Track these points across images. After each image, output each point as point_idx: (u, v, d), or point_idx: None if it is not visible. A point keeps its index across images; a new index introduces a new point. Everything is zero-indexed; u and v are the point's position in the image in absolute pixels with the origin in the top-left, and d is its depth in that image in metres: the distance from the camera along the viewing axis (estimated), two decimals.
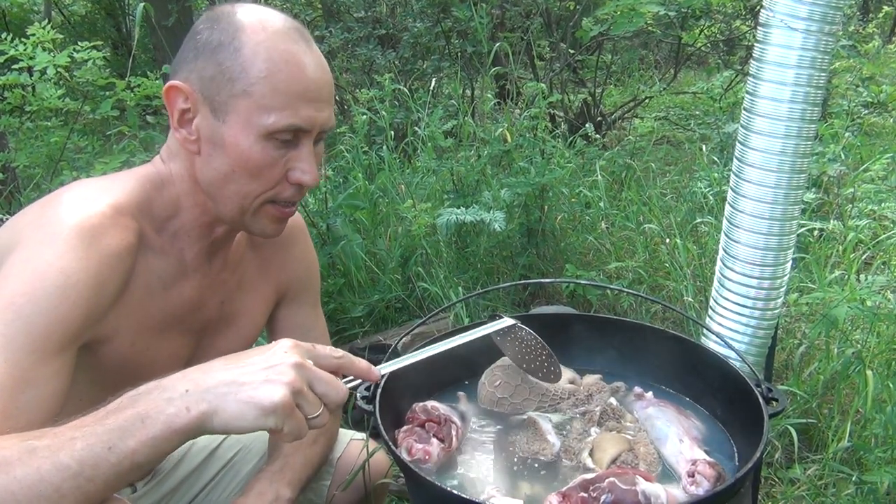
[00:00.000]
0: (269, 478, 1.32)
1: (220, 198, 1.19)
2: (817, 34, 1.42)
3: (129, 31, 8.66)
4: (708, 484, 1.12)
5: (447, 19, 5.26)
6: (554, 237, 3.28)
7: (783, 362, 2.57)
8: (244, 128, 1.13)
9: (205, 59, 1.13)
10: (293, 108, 1.12)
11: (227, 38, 1.13)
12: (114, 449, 0.89)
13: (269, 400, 0.91)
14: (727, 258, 1.65)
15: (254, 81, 1.11)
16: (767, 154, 1.51)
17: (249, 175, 1.16)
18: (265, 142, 1.13)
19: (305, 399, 0.94)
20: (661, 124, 5.72)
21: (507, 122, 3.45)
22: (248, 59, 1.11)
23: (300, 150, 1.17)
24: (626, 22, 4.10)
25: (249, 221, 1.22)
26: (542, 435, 1.30)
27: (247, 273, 1.40)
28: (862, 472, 2.02)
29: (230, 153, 1.14)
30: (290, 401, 0.92)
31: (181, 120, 1.17)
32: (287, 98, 1.12)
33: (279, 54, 1.12)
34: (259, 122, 1.12)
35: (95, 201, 1.13)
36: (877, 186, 3.62)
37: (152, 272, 1.20)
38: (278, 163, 1.16)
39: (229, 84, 1.12)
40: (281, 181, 1.18)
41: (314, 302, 1.56)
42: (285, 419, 0.92)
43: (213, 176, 1.17)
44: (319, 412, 0.95)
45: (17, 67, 3.10)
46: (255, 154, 1.14)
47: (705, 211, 3.37)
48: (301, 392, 0.93)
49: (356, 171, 3.46)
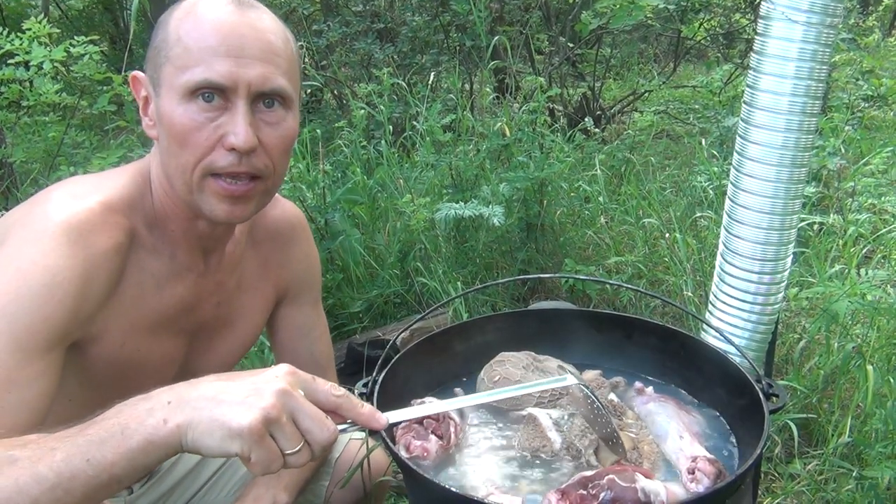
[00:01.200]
0: (265, 482, 1.31)
1: (170, 177, 1.14)
2: (818, 27, 1.41)
3: (127, 25, 8.62)
4: (708, 481, 1.12)
5: (446, 13, 5.24)
6: (553, 232, 3.27)
7: (783, 357, 2.56)
8: (168, 94, 1.09)
9: (151, 45, 1.14)
10: (206, 62, 1.07)
11: (163, 18, 1.13)
12: (92, 461, 0.85)
13: (236, 422, 0.84)
14: (727, 253, 1.64)
15: (172, 44, 1.09)
16: (768, 148, 1.50)
17: (178, 142, 1.09)
18: (187, 104, 1.08)
19: (282, 430, 0.87)
20: (661, 118, 5.70)
21: (506, 117, 3.44)
22: (172, 28, 1.10)
23: (232, 112, 1.09)
24: (625, 15, 4.09)
25: (198, 200, 1.14)
26: (542, 431, 1.29)
27: (246, 273, 1.37)
28: (862, 467, 2.02)
29: (164, 123, 1.11)
30: (259, 427, 0.85)
31: (144, 108, 1.17)
32: (200, 54, 1.07)
33: (196, 17, 1.10)
34: (176, 82, 1.08)
35: (85, 199, 1.11)
36: (877, 180, 3.61)
37: (145, 271, 1.18)
38: (206, 126, 1.09)
39: (156, 57, 1.11)
40: (215, 148, 1.10)
41: (315, 301, 1.53)
42: (252, 446, 0.85)
43: (164, 156, 1.14)
44: (298, 448, 0.88)
45: (13, 62, 3.08)
46: (178, 117, 1.08)
47: (705, 205, 3.36)
48: (277, 422, 0.86)
49: (354, 166, 3.45)
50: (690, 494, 1.11)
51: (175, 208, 1.19)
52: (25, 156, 3.66)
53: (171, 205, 1.19)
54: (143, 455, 0.86)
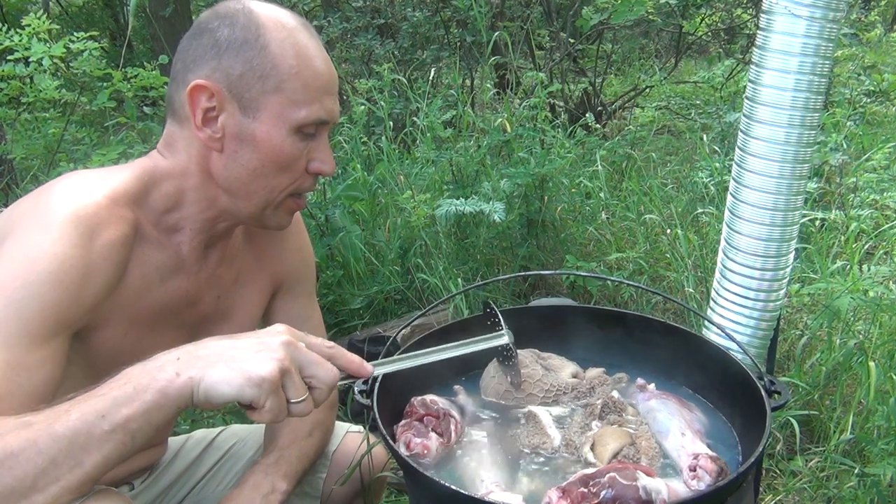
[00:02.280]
0: (264, 470, 1.31)
1: (244, 193, 1.21)
2: (821, 21, 1.40)
3: (127, 21, 8.61)
4: (709, 478, 1.11)
5: (446, 8, 5.23)
6: (554, 228, 3.26)
7: (785, 353, 2.55)
8: (276, 123, 1.16)
9: (230, 57, 1.15)
10: (320, 101, 1.18)
11: (251, 35, 1.15)
12: (107, 417, 0.90)
13: (256, 371, 0.92)
14: (729, 249, 1.63)
15: (285, 78, 1.15)
16: (770, 143, 1.49)
17: (279, 169, 1.19)
18: (294, 135, 1.18)
19: (292, 380, 0.95)
20: (662, 114, 5.68)
21: (507, 112, 3.43)
22: (278, 56, 1.15)
23: (319, 141, 1.22)
24: (626, 10, 4.08)
25: (270, 215, 1.25)
26: (542, 428, 1.29)
27: (243, 266, 1.40)
28: (864, 464, 2.01)
29: (261, 148, 1.17)
30: (277, 377, 0.93)
31: (205, 118, 1.17)
32: (315, 93, 1.17)
33: (302, 49, 1.17)
34: (292, 116, 1.16)
35: (91, 191, 1.13)
36: (879, 176, 3.60)
37: (149, 264, 1.20)
38: (303, 155, 1.21)
39: (260, 81, 1.15)
40: (302, 173, 1.23)
41: (310, 293, 1.55)
42: (269, 395, 0.92)
43: (240, 172, 1.19)
44: (303, 398, 0.96)
45: (12, 58, 3.07)
46: (287, 148, 1.18)
47: (706, 201, 3.35)
48: (289, 372, 0.94)
49: (355, 162, 3.44)
50: (692, 492, 1.11)
51: (203, 210, 1.23)
52: (25, 152, 3.65)
53: (203, 206, 1.23)
54: (157, 409, 0.92)
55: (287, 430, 1.40)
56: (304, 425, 1.41)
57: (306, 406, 0.97)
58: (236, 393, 0.92)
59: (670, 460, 1.22)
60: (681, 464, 1.19)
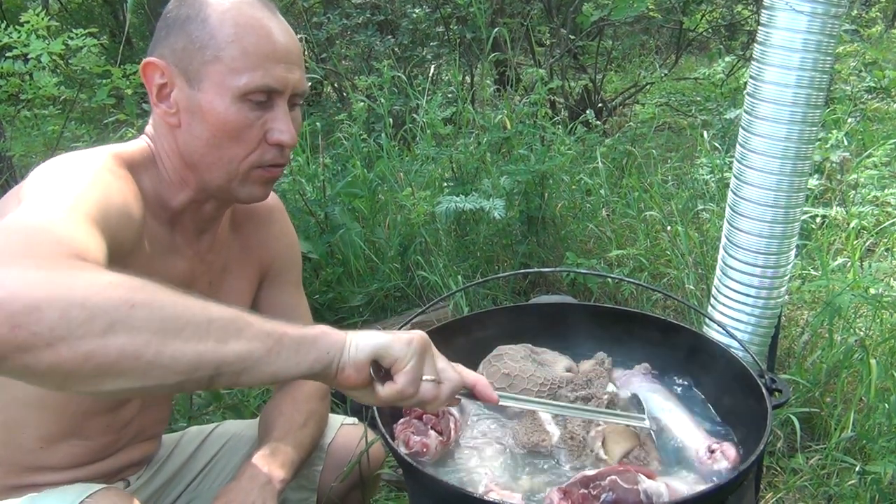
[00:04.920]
0: (260, 461, 1.31)
1: (206, 166, 1.21)
2: (823, 17, 1.39)
3: (126, 18, 8.60)
4: (727, 464, 1.12)
5: (446, 5, 5.22)
6: (554, 225, 3.26)
7: (785, 350, 2.55)
8: (218, 92, 1.16)
9: (175, 34, 1.18)
10: (264, 68, 1.16)
11: (193, 11, 1.18)
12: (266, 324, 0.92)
13: (407, 335, 1.00)
14: (730, 246, 1.63)
15: (223, 46, 1.15)
16: (771, 140, 1.48)
17: (229, 138, 1.18)
18: (240, 103, 1.16)
19: (432, 358, 1.03)
20: (663, 110, 5.67)
21: (507, 109, 3.42)
22: (216, 26, 1.15)
23: (275, 111, 1.19)
24: (626, 7, 4.06)
25: (238, 188, 1.23)
26: (540, 425, 1.28)
27: (230, 255, 1.41)
28: (865, 461, 2.01)
29: (208, 118, 1.17)
30: (425, 342, 1.01)
31: (160, 95, 1.20)
32: (257, 59, 1.15)
33: (244, 19, 1.16)
34: (232, 83, 1.15)
35: (101, 152, 1.16)
36: (880, 172, 3.59)
37: (155, 237, 1.22)
38: (255, 124, 1.18)
39: (200, 52, 1.16)
40: (261, 143, 1.20)
41: (297, 282, 1.56)
42: (415, 356, 0.99)
43: (196, 145, 1.19)
44: (435, 377, 1.02)
45: (11, 55, 3.06)
46: (231, 116, 1.16)
47: (707, 198, 3.34)
48: (430, 349, 1.03)
49: (354, 159, 3.43)
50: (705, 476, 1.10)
51: (186, 192, 1.24)
52: (25, 149, 3.65)
53: (185, 188, 1.24)
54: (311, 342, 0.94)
55: (282, 420, 1.40)
56: (298, 416, 1.42)
57: (432, 389, 1.01)
58: (386, 344, 0.98)
59: (657, 442, 1.23)
60: (694, 444, 1.18)
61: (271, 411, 1.44)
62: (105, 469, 1.32)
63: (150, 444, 1.46)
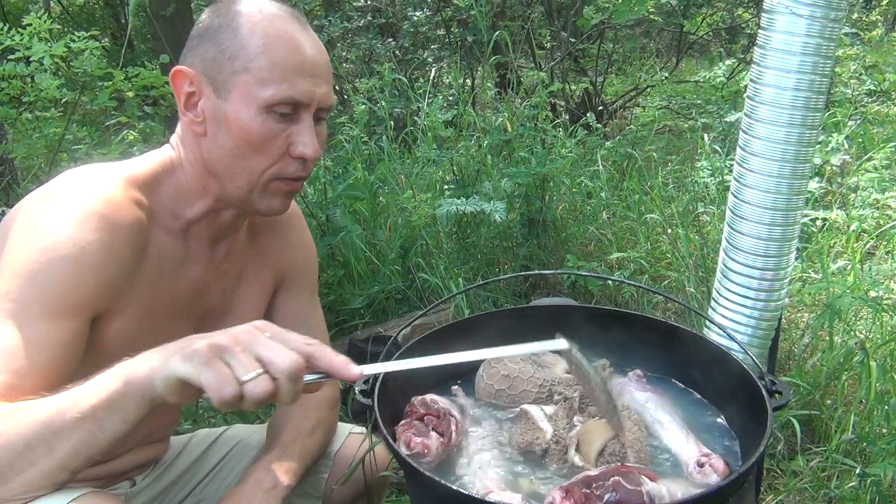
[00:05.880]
0: (266, 466, 1.31)
1: (228, 175, 1.22)
2: (822, 20, 1.40)
3: (128, 20, 8.61)
4: (716, 477, 1.11)
5: (447, 8, 5.23)
6: (555, 227, 3.26)
7: (785, 352, 2.55)
8: (245, 102, 1.17)
9: (206, 43, 1.19)
10: (290, 81, 1.17)
11: (225, 21, 1.19)
12: (79, 404, 0.95)
13: (189, 349, 0.91)
14: (730, 249, 1.63)
15: (252, 57, 1.16)
16: (771, 143, 1.49)
17: (252, 149, 1.19)
18: (265, 115, 1.17)
19: (235, 358, 0.90)
20: (663, 113, 5.68)
21: (508, 112, 3.43)
22: (246, 37, 1.16)
23: (300, 124, 1.20)
24: (627, 10, 4.07)
25: (258, 199, 1.24)
26: (534, 424, 1.28)
27: (247, 263, 1.41)
28: (865, 464, 2.01)
29: (233, 128, 1.18)
30: (206, 350, 0.90)
31: (187, 103, 1.21)
32: (284, 71, 1.16)
33: (275, 31, 1.17)
34: (258, 95, 1.16)
35: (107, 176, 1.17)
36: (880, 175, 3.60)
37: (163, 252, 1.23)
38: (279, 136, 1.19)
39: (229, 62, 1.17)
40: (283, 156, 1.21)
41: (312, 291, 1.56)
42: (201, 368, 0.89)
43: (220, 154, 1.21)
44: (254, 375, 0.89)
45: (13, 58, 3.07)
46: (256, 127, 1.17)
47: (707, 200, 3.35)
48: (228, 349, 0.90)
49: (356, 162, 3.44)
50: (697, 487, 1.10)
51: (206, 201, 1.26)
52: (27, 152, 3.65)
53: (206, 197, 1.26)
54: (121, 397, 0.94)
55: (290, 426, 1.40)
56: (307, 423, 1.41)
57: (259, 385, 0.89)
58: (171, 372, 0.91)
59: (667, 454, 1.22)
60: (684, 456, 1.18)
61: (280, 416, 1.44)
62: (111, 470, 1.33)
63: (158, 446, 1.46)
